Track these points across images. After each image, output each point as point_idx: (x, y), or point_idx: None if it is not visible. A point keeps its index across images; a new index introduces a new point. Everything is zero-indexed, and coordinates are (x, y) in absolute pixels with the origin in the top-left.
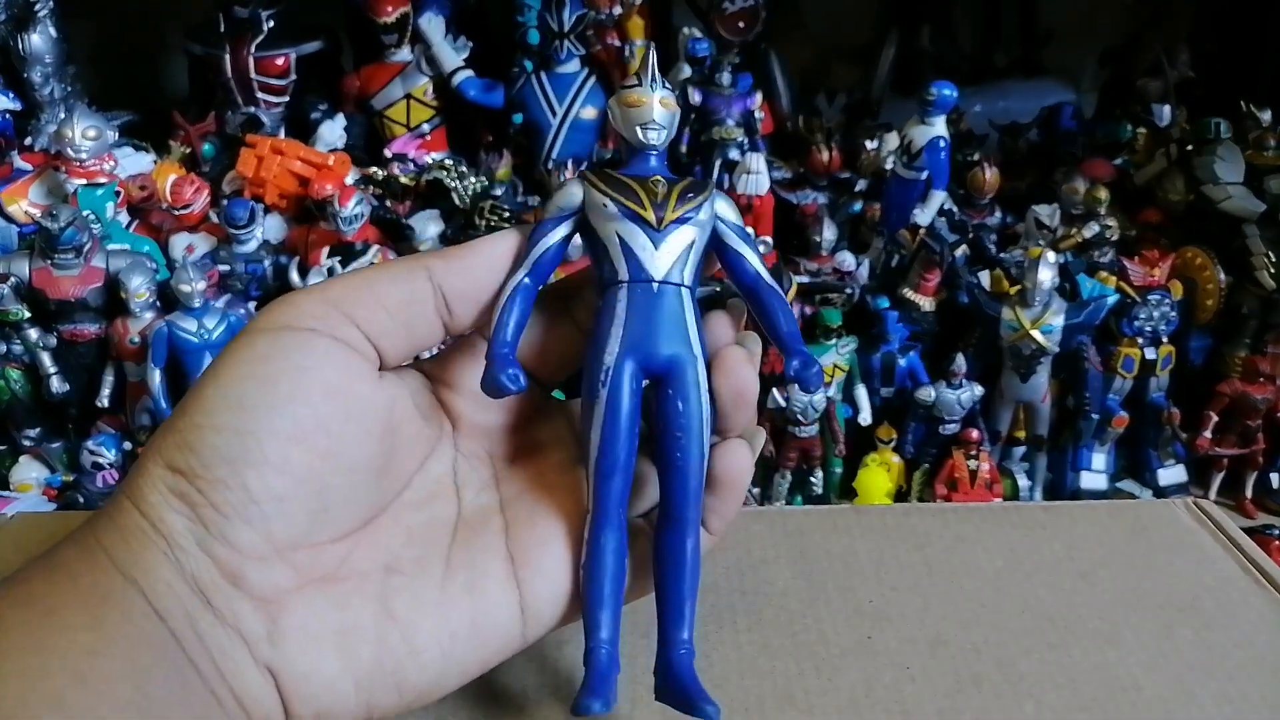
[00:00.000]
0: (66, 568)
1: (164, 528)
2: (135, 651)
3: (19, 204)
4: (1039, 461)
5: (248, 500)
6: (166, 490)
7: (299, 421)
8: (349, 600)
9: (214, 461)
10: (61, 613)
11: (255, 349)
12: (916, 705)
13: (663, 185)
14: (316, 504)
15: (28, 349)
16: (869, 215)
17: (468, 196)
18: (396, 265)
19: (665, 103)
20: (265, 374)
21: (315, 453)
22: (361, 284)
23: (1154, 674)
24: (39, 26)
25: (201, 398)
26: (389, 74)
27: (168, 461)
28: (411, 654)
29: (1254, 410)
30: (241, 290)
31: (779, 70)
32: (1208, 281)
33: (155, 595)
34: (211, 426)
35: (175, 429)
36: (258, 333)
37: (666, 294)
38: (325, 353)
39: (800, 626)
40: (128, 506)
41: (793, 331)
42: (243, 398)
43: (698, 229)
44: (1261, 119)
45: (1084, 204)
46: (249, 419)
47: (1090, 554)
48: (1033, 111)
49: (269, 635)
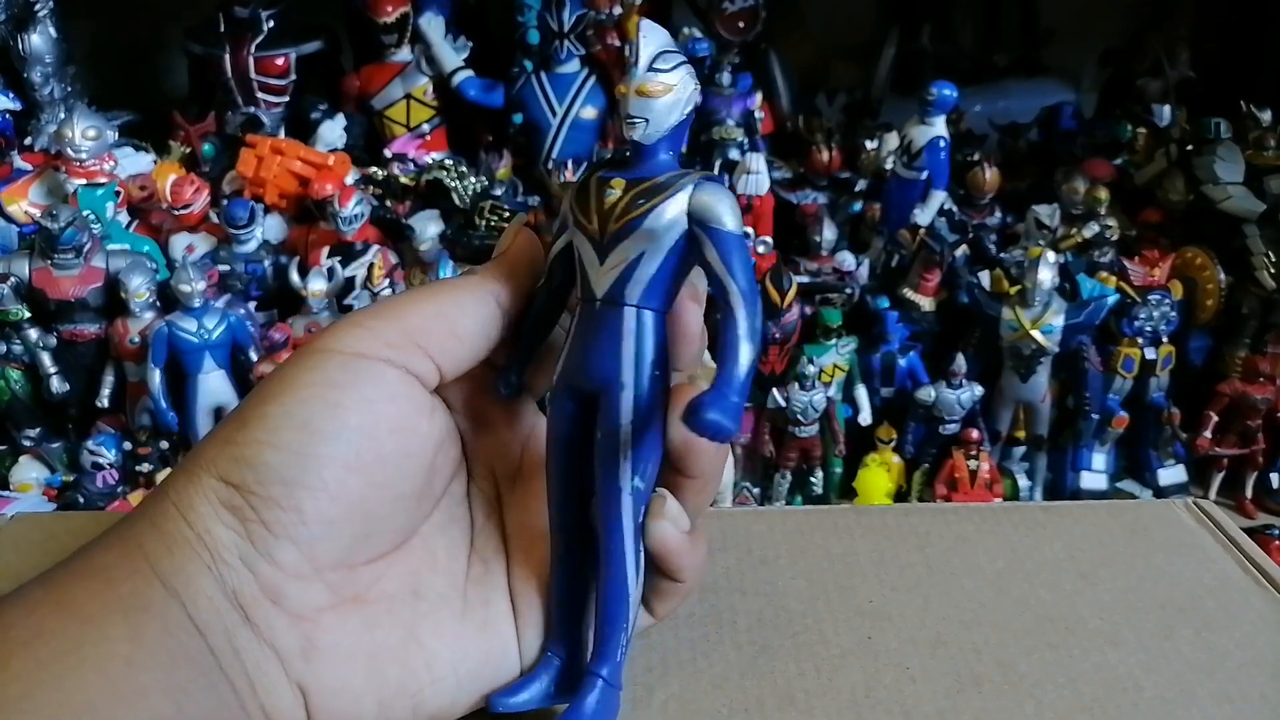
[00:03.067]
0: (106, 574)
1: (210, 540)
2: (172, 665)
3: (19, 204)
4: (1039, 461)
5: (299, 522)
6: (218, 502)
7: (362, 454)
8: (380, 621)
9: (270, 480)
10: (99, 622)
11: (326, 372)
12: (917, 706)
13: (620, 189)
14: (361, 529)
15: (28, 349)
16: (869, 215)
17: (468, 196)
18: (466, 293)
19: (645, 89)
20: (334, 400)
21: (371, 483)
22: (435, 314)
23: (1154, 674)
24: (39, 26)
25: (265, 414)
26: (389, 74)
27: (222, 474)
28: (432, 680)
29: (1254, 410)
30: (241, 290)
31: (779, 70)
32: (1208, 281)
33: (196, 608)
34: (272, 444)
35: (234, 442)
36: (328, 354)
37: (606, 315)
38: (396, 387)
39: (800, 627)
40: (174, 514)
41: (726, 375)
42: (308, 420)
43: (648, 239)
44: (1261, 119)
45: (1084, 204)
46: (313, 442)
47: (1090, 554)
48: (1033, 111)
49: (303, 652)
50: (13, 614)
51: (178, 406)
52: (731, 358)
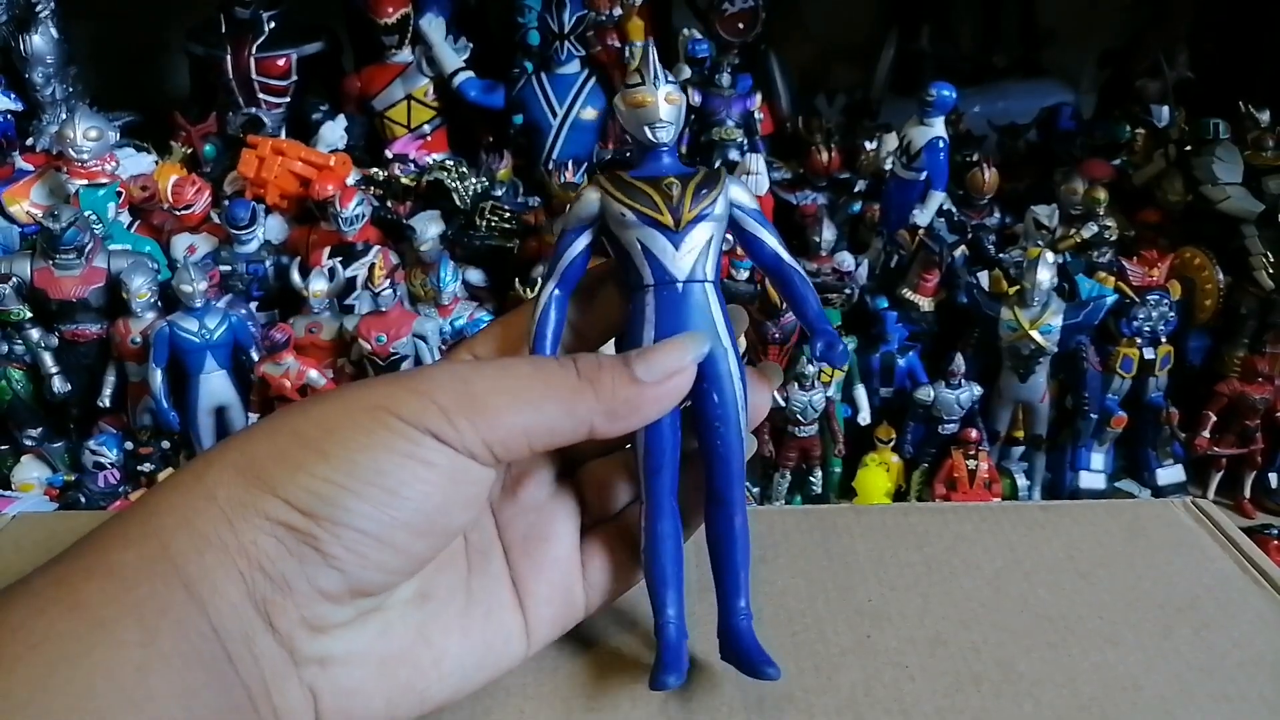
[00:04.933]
0: (123, 574)
1: (254, 549)
2: (187, 670)
3: (21, 204)
4: (1038, 461)
5: (354, 562)
6: (278, 520)
7: (434, 527)
8: (393, 626)
9: (349, 525)
10: (113, 626)
11: (424, 452)
12: (915, 704)
13: (677, 185)
14: (406, 576)
15: (29, 349)
16: (868, 215)
17: (468, 197)
18: (565, 421)
19: (670, 98)
20: (424, 477)
21: (433, 546)
22: (523, 431)
23: (1153, 673)
24: (40, 27)
25: (355, 463)
26: (390, 75)
27: (293, 500)
28: (439, 676)
29: (1252, 410)
30: (243, 291)
31: (778, 71)
32: (1206, 282)
33: (217, 613)
34: (353, 492)
35: (310, 472)
36: (425, 435)
37: (692, 292)
38: (475, 476)
39: (799, 626)
40: (219, 516)
41: (818, 311)
42: (396, 489)
43: (715, 224)
44: (1260, 119)
45: (1083, 204)
46: (394, 507)
47: (1089, 554)
48: (1032, 112)
49: (320, 659)
50: (22, 613)
51: (179, 406)
52: (812, 299)
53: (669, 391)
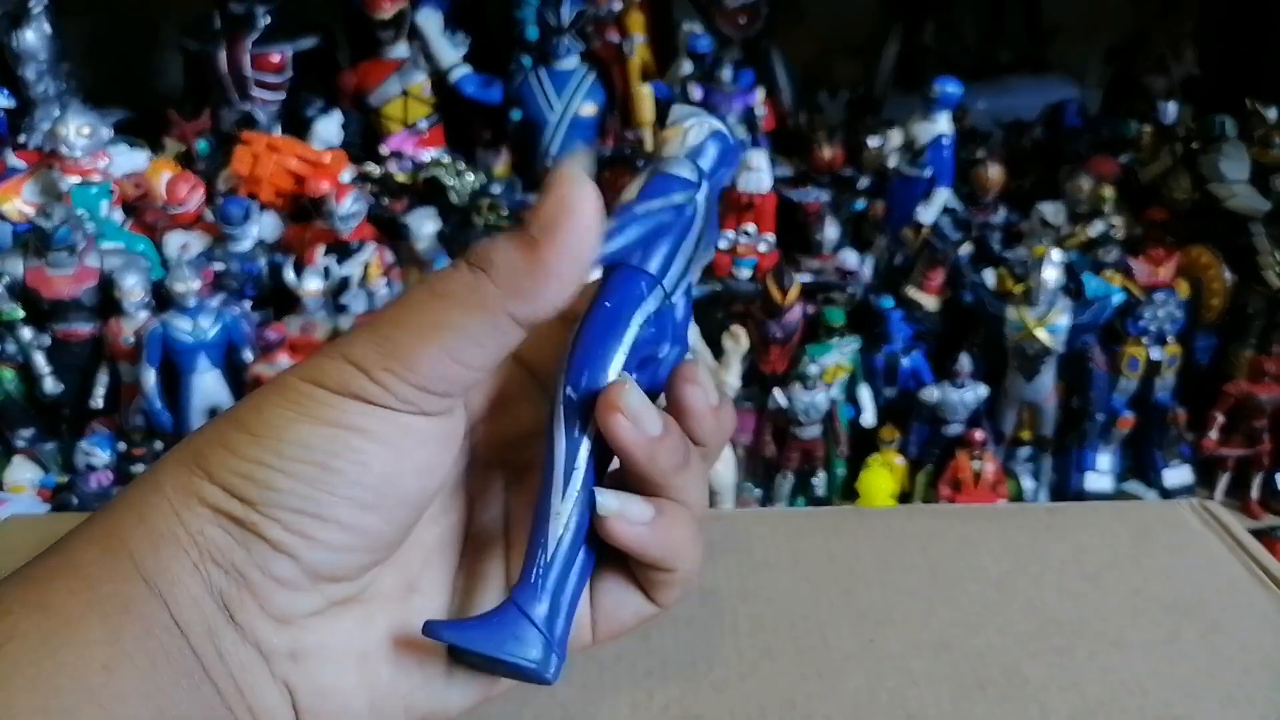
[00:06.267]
0: (85, 571)
1: (202, 540)
2: (153, 668)
3: (13, 202)
4: (1044, 462)
5: (302, 544)
6: (216, 509)
7: (382, 497)
8: (373, 619)
9: (281, 504)
10: (78, 624)
11: (353, 417)
12: (920, 710)
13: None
14: (369, 556)
15: (21, 349)
16: (872, 213)
17: (465, 194)
18: (480, 324)
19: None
20: (359, 446)
21: (387, 519)
22: (442, 354)
23: (1160, 677)
24: (33, 23)
25: (278, 439)
26: (386, 70)
27: (225, 484)
28: (424, 680)
29: (1260, 411)
30: (237, 289)
31: (781, 66)
32: (1214, 280)
33: (178, 607)
34: (287, 473)
35: (241, 456)
36: (350, 400)
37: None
38: (425, 436)
39: (802, 630)
40: (168, 511)
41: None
42: (329, 461)
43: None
44: (1267, 116)
45: (1089, 202)
46: (332, 482)
47: (1096, 556)
48: (1037, 108)
49: (291, 653)
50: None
51: (172, 407)
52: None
53: (572, 240)
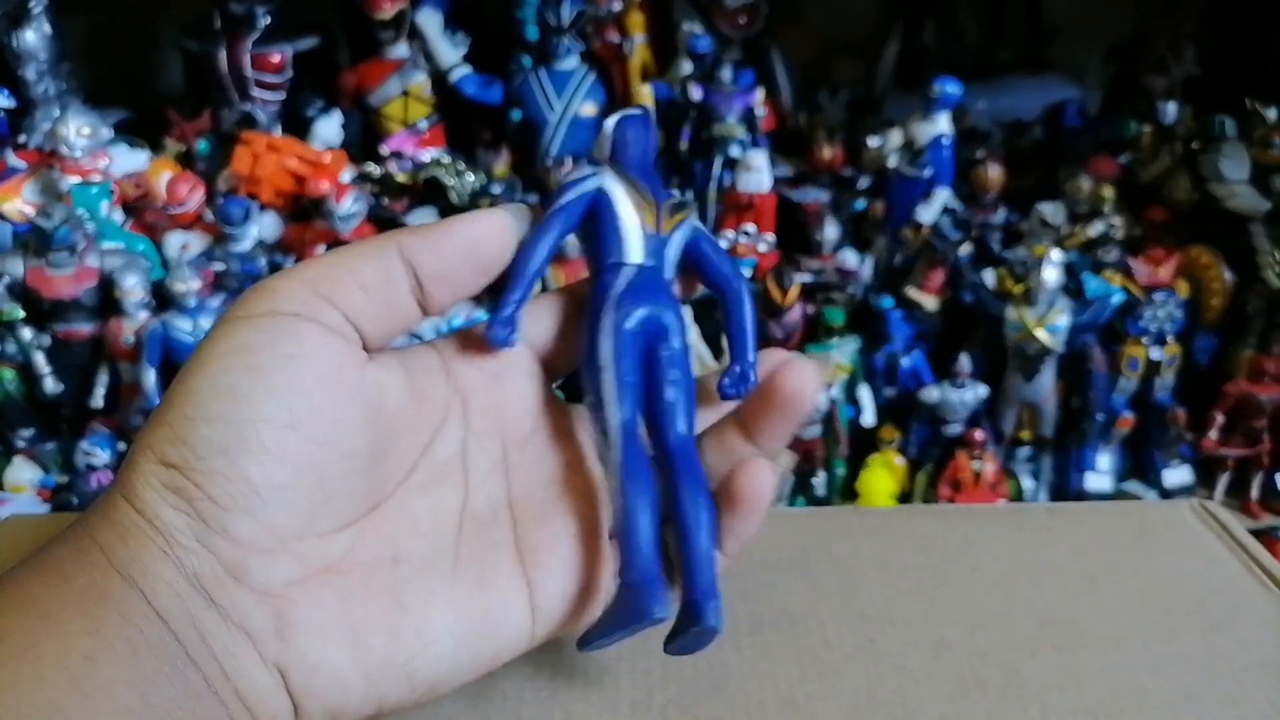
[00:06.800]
0: (60, 568)
1: (160, 524)
2: (135, 656)
3: (13, 202)
4: (1044, 462)
5: (247, 490)
6: (161, 485)
7: (295, 410)
8: (356, 591)
9: (209, 453)
10: (57, 617)
11: (239, 338)
12: (920, 709)
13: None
14: (317, 493)
15: (21, 349)
16: (872, 213)
17: (465, 194)
18: (368, 244)
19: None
20: (254, 363)
21: (313, 440)
22: (335, 264)
23: (1159, 677)
24: (33, 23)
25: (189, 390)
26: (386, 70)
27: (160, 456)
28: (423, 646)
29: (1260, 411)
30: (237, 289)
31: (781, 66)
32: (1214, 281)
33: (155, 595)
34: (203, 418)
35: (164, 422)
36: (239, 321)
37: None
38: (313, 339)
39: (802, 630)
40: (122, 503)
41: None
42: (233, 387)
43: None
44: (1267, 117)
45: (1089, 202)
46: (242, 408)
47: (1095, 556)
48: (1037, 108)
49: (276, 630)
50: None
51: None
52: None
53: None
